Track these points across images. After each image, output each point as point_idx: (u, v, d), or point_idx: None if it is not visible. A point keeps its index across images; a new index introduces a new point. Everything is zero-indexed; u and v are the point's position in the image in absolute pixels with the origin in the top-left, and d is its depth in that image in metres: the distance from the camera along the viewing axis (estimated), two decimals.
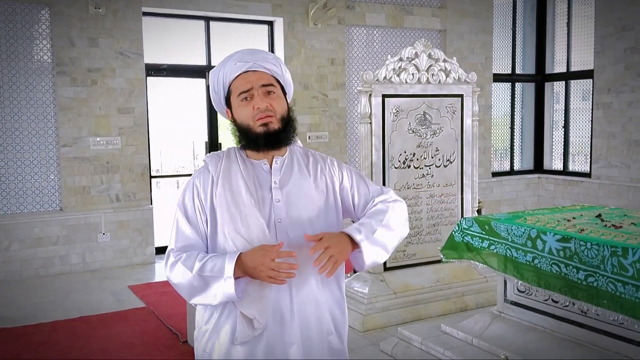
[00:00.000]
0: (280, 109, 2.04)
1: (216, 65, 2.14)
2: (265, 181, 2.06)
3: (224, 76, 2.08)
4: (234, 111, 2.07)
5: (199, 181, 2.06)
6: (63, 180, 6.91)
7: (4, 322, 5.26)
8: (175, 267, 1.96)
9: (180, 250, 2.00)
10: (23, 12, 6.70)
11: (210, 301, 1.93)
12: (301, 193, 2.06)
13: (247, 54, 2.08)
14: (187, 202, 2.05)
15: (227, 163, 2.07)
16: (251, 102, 2.01)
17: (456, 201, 5.47)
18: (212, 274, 1.89)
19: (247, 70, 2.04)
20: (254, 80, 2.02)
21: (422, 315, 5.01)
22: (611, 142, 8.81)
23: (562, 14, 9.87)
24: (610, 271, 3.00)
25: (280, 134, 2.03)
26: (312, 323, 2.02)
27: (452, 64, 5.37)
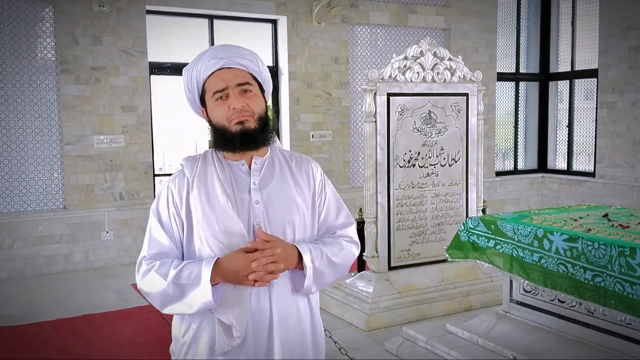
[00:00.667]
0: (257, 108, 1.94)
1: (189, 63, 2.04)
2: (243, 183, 1.96)
3: (197, 74, 1.97)
4: (209, 111, 1.96)
5: (174, 185, 1.96)
6: (67, 179, 6.90)
7: (7, 320, 5.26)
8: (148, 275, 1.87)
9: (152, 257, 1.90)
10: (27, 10, 6.69)
11: (186, 310, 1.85)
12: (282, 195, 1.97)
13: (220, 50, 1.98)
14: (162, 207, 1.95)
15: (203, 165, 1.97)
16: (226, 102, 1.91)
17: (461, 200, 5.45)
18: (189, 281, 1.81)
19: (221, 67, 1.94)
20: (229, 78, 1.92)
21: (426, 314, 4.99)
22: (615, 141, 8.78)
23: (566, 13, 9.84)
24: (617, 271, 2.98)
25: (257, 134, 1.93)
26: (292, 329, 1.94)
27: (457, 62, 5.35)
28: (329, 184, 2.11)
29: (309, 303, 2.02)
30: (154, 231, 1.94)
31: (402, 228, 5.20)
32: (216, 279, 1.82)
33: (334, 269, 1.99)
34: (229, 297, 1.86)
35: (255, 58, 2.01)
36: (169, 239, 1.93)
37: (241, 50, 2.00)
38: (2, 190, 6.71)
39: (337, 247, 2.02)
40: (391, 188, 5.12)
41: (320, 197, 2.06)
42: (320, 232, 2.07)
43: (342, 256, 2.02)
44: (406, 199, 5.20)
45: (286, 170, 2.02)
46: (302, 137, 8.08)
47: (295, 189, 2.00)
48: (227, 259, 1.83)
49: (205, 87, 1.96)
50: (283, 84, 8.09)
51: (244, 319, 1.86)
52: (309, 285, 1.93)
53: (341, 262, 2.01)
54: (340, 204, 2.12)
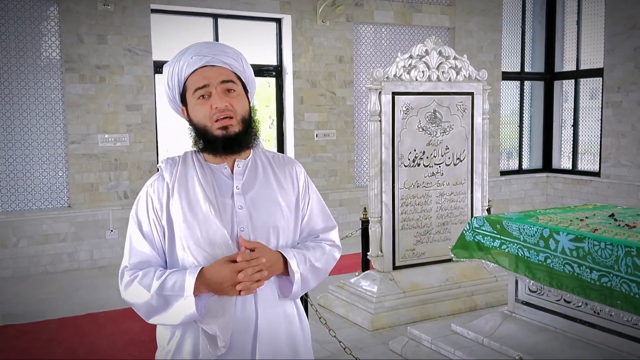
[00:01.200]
0: (241, 109, 1.86)
1: (169, 61, 1.95)
2: (226, 187, 1.88)
3: (179, 70, 1.88)
4: (190, 110, 1.88)
5: (154, 190, 1.87)
6: (71, 177, 6.91)
7: (12, 318, 5.27)
8: (131, 286, 1.81)
9: (134, 267, 1.84)
10: (32, 8, 6.70)
11: (172, 321, 1.80)
12: (266, 199, 1.90)
13: (204, 47, 1.91)
14: (141, 214, 1.87)
15: (184, 169, 1.89)
16: (209, 101, 1.83)
17: (466, 200, 5.44)
18: (173, 292, 1.75)
19: (204, 65, 1.86)
20: (212, 76, 1.84)
21: (431, 314, 4.98)
22: (621, 141, 8.75)
23: (571, 12, 9.81)
24: (624, 271, 2.97)
25: (241, 138, 1.85)
26: (281, 334, 1.90)
27: (462, 61, 5.34)
28: (312, 186, 2.06)
29: (296, 306, 2.00)
30: (135, 239, 1.87)
31: (406, 227, 5.19)
32: (200, 289, 1.77)
33: (317, 273, 1.96)
34: (213, 306, 1.80)
35: (240, 57, 1.95)
36: (151, 247, 1.86)
37: (225, 48, 1.93)
38: (7, 188, 6.72)
39: (320, 251, 1.98)
40: (396, 187, 5.10)
41: (304, 199, 2.01)
42: (303, 235, 2.02)
43: (325, 260, 1.99)
44: (411, 198, 5.19)
45: (270, 172, 1.96)
46: (306, 136, 8.07)
47: (279, 192, 1.93)
48: (211, 269, 1.77)
49: (186, 84, 1.88)
50: (287, 83, 8.08)
51: (228, 329, 1.80)
52: (296, 291, 1.90)
53: (323, 267, 1.98)
54: (323, 207, 2.07)
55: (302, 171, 2.05)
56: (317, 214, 2.04)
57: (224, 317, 1.80)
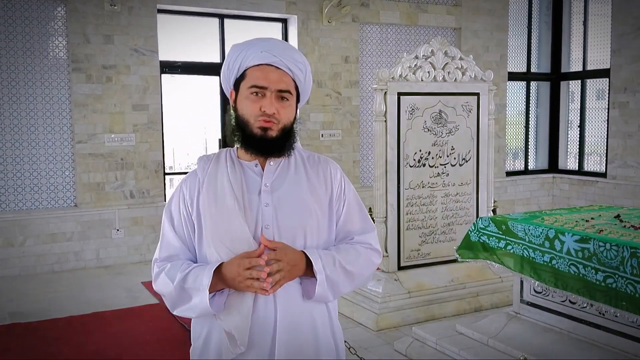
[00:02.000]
0: (285, 119, 1.85)
1: (241, 42, 1.94)
2: (254, 184, 1.88)
3: (244, 57, 1.87)
4: (239, 99, 1.88)
5: (186, 186, 1.91)
6: (78, 177, 6.94)
7: (19, 316, 5.30)
8: (159, 277, 1.86)
9: (164, 260, 1.89)
10: (39, 9, 6.73)
11: (191, 314, 1.85)
12: (294, 198, 1.88)
13: (276, 46, 1.89)
14: (174, 209, 1.91)
15: (215, 165, 1.91)
16: (260, 101, 1.83)
17: (471, 200, 5.43)
18: (193, 285, 1.79)
19: (270, 63, 1.85)
20: (274, 80, 1.83)
21: (436, 315, 4.98)
22: (627, 141, 8.72)
23: (578, 12, 9.78)
24: (629, 272, 2.96)
25: (276, 143, 1.85)
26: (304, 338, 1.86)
27: (468, 62, 5.33)
28: (349, 187, 2.01)
29: (328, 311, 1.94)
30: (166, 233, 1.92)
31: (412, 228, 5.19)
32: (218, 284, 1.78)
33: (350, 277, 1.90)
34: (231, 304, 1.82)
35: (306, 68, 1.93)
36: (181, 242, 1.90)
37: (296, 55, 1.91)
38: (14, 188, 6.75)
39: (353, 254, 1.92)
40: (401, 188, 5.11)
41: (339, 201, 1.97)
42: (339, 238, 1.98)
43: (359, 264, 1.92)
44: (416, 198, 5.19)
45: (302, 171, 1.93)
46: (312, 136, 8.08)
47: (309, 192, 1.91)
48: (227, 264, 1.78)
49: (246, 73, 1.87)
50: None
51: (245, 329, 1.80)
52: (321, 293, 1.84)
53: (357, 271, 1.91)
54: (361, 209, 2.02)
55: (339, 172, 2.01)
56: (353, 216, 1.99)
57: (240, 315, 1.81)
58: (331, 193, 1.95)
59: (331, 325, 1.96)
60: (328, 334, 1.94)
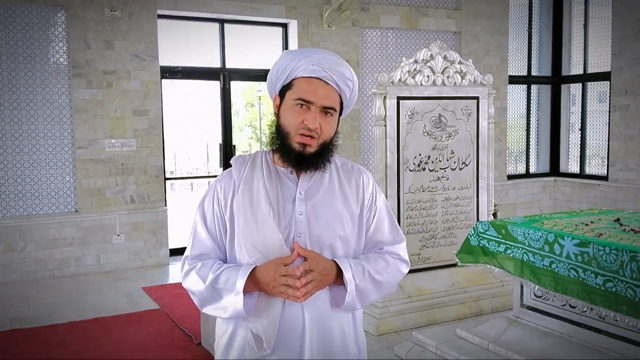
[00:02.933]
0: (326, 134, 1.87)
1: (294, 50, 1.96)
2: (289, 191, 1.91)
3: (294, 67, 1.88)
4: (283, 108, 1.89)
5: (221, 186, 1.94)
6: (78, 182, 6.95)
7: (20, 322, 5.29)
8: (190, 275, 1.89)
9: (195, 258, 1.92)
10: (39, 14, 6.75)
11: (221, 314, 1.86)
12: (328, 207, 1.90)
13: (329, 61, 1.89)
14: (207, 207, 1.94)
15: (251, 169, 1.93)
16: (304, 113, 1.84)
17: (472, 204, 5.43)
18: (225, 286, 1.81)
19: (319, 77, 1.86)
20: (321, 96, 1.84)
21: (436, 319, 4.97)
22: (629, 144, 8.70)
23: (578, 16, 9.78)
24: (629, 276, 2.95)
25: (313, 159, 1.86)
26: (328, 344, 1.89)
27: (467, 65, 5.33)
28: (380, 197, 2.03)
29: (354, 320, 1.97)
30: (198, 231, 1.94)
31: (412, 232, 5.18)
32: (251, 288, 1.81)
33: (378, 287, 1.92)
34: (260, 307, 1.85)
35: (354, 86, 1.95)
36: (212, 240, 1.92)
37: (347, 72, 1.91)
38: (15, 193, 6.76)
39: (382, 264, 1.95)
40: (401, 192, 5.10)
41: (370, 210, 1.99)
42: (368, 247, 2.00)
43: (387, 274, 1.95)
44: (416, 202, 5.18)
45: (335, 180, 1.95)
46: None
47: (342, 202, 1.93)
48: (261, 269, 1.81)
49: (293, 82, 1.88)
50: None
51: (272, 332, 1.83)
52: (350, 302, 1.87)
53: (386, 280, 1.94)
54: (391, 219, 2.04)
55: (371, 181, 2.02)
56: (383, 226, 2.01)
57: (269, 319, 1.83)
58: (362, 202, 1.97)
59: (355, 334, 1.97)
60: (352, 341, 1.96)
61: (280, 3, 7.78)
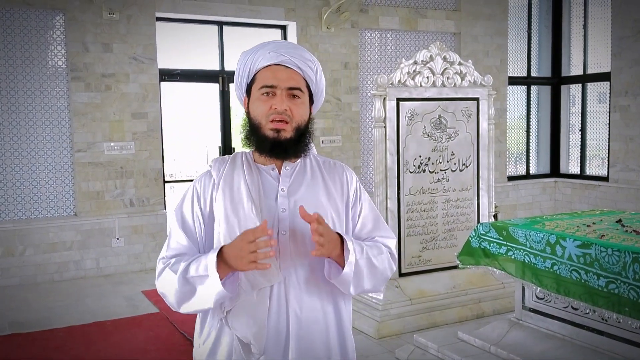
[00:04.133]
0: (299, 117, 1.84)
1: (248, 49, 1.94)
2: (271, 188, 1.86)
3: (253, 61, 1.87)
4: (251, 102, 1.87)
5: (200, 185, 1.89)
6: (77, 186, 6.92)
7: (19, 326, 5.27)
8: (163, 274, 1.80)
9: (170, 258, 1.84)
10: (37, 17, 6.73)
11: (202, 305, 1.76)
12: (311, 203, 1.85)
13: (284, 46, 1.88)
14: (185, 207, 1.88)
15: (231, 168, 1.89)
16: (271, 100, 1.81)
17: (472, 206, 5.40)
18: (197, 273, 1.71)
19: (279, 63, 1.84)
20: (283, 78, 1.82)
21: (438, 322, 4.94)
22: (629, 145, 8.68)
23: (578, 16, 9.76)
24: (632, 278, 2.93)
25: (290, 145, 1.83)
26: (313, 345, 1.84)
27: (467, 67, 5.31)
28: (365, 194, 1.99)
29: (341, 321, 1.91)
30: (174, 232, 1.87)
31: (412, 234, 5.16)
32: (223, 268, 1.71)
33: (373, 271, 1.85)
34: (243, 311, 1.78)
35: (317, 68, 1.92)
36: (188, 240, 1.85)
37: (305, 54, 1.90)
38: (14, 197, 6.74)
39: (377, 250, 1.89)
40: (401, 194, 5.08)
41: (355, 207, 1.95)
42: None
43: (382, 261, 1.88)
44: (416, 204, 5.16)
45: (318, 177, 1.92)
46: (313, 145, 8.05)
47: (326, 197, 1.89)
48: (228, 245, 1.72)
49: (256, 76, 1.87)
50: None
51: (262, 336, 1.78)
52: (347, 275, 1.78)
53: (380, 268, 1.87)
54: (377, 216, 2.00)
55: (354, 178, 1.99)
56: (371, 223, 1.97)
57: (257, 324, 1.78)
58: (347, 198, 1.94)
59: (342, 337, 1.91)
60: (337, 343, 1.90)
61: (279, 5, 7.77)
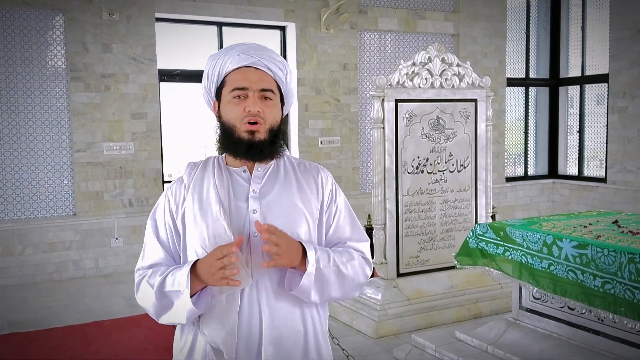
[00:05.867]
0: (271, 119, 1.82)
1: (215, 53, 1.91)
2: (242, 190, 1.83)
3: (222, 64, 1.84)
4: (222, 106, 1.84)
5: (172, 192, 1.87)
6: (76, 185, 6.94)
7: (18, 326, 5.28)
8: (141, 286, 1.81)
9: (146, 268, 1.84)
10: (37, 18, 6.75)
11: (177, 320, 1.77)
12: (284, 204, 1.82)
13: (253, 48, 1.86)
14: (158, 216, 1.87)
15: (202, 171, 1.87)
16: (243, 102, 1.79)
17: (470, 207, 5.43)
18: (172, 288, 1.72)
19: (248, 65, 1.82)
20: (254, 80, 1.81)
21: (435, 321, 4.96)
22: (627, 146, 8.71)
23: (576, 18, 9.79)
24: (627, 278, 2.95)
25: (265, 146, 1.81)
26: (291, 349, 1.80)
27: (465, 68, 5.34)
28: (340, 195, 1.96)
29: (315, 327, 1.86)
30: (149, 241, 1.86)
31: (410, 234, 5.18)
32: (196, 283, 1.71)
33: (341, 279, 1.82)
34: (214, 318, 1.77)
35: (286, 68, 1.90)
36: (164, 250, 1.84)
37: (274, 55, 1.88)
38: (13, 197, 6.75)
39: (347, 256, 1.85)
40: (399, 194, 5.10)
41: (330, 208, 1.91)
42: (330, 245, 1.91)
43: (352, 268, 1.84)
44: (415, 205, 5.18)
45: (292, 177, 1.88)
46: (310, 143, 8.08)
47: (300, 198, 1.85)
48: (200, 260, 1.72)
49: (225, 79, 1.84)
50: None
51: (232, 342, 1.75)
52: (306, 285, 1.74)
53: (350, 275, 1.83)
54: (352, 218, 1.96)
55: (330, 179, 1.95)
56: (346, 225, 1.93)
57: (225, 329, 1.75)
58: (322, 199, 1.90)
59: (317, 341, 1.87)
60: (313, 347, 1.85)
61: (278, 6, 7.79)
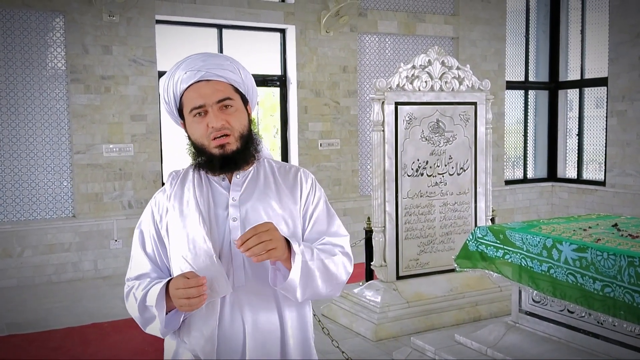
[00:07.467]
0: (238, 126, 1.79)
1: (165, 72, 1.89)
2: (221, 198, 1.82)
3: (173, 86, 1.82)
4: (187, 126, 1.83)
5: (155, 203, 1.87)
6: (76, 187, 6.93)
7: (17, 327, 5.28)
8: (129, 297, 1.82)
9: (134, 279, 1.85)
10: (37, 19, 6.75)
11: (158, 333, 1.79)
12: (264, 211, 1.81)
13: (198, 60, 1.83)
14: (144, 226, 1.87)
15: (183, 181, 1.86)
16: (205, 119, 1.77)
17: (470, 210, 5.43)
18: (151, 303, 1.73)
19: (199, 80, 1.79)
20: (208, 94, 1.76)
21: (435, 324, 4.96)
22: (626, 150, 8.72)
23: (575, 21, 9.81)
24: (627, 282, 2.96)
25: (239, 155, 1.79)
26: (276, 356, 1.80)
27: (465, 71, 5.34)
28: (320, 193, 1.94)
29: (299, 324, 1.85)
30: (135, 253, 1.87)
31: (410, 237, 5.19)
32: (169, 302, 1.72)
33: (325, 275, 1.78)
34: (193, 326, 1.77)
35: (237, 67, 1.86)
36: (150, 261, 1.84)
37: (221, 60, 1.84)
38: (12, 198, 6.75)
39: (329, 251, 1.82)
40: (399, 197, 5.10)
41: (307, 205, 1.89)
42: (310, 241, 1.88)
43: (334, 263, 1.81)
44: (414, 208, 5.19)
45: (271, 183, 1.87)
46: (310, 145, 8.08)
47: (279, 204, 1.83)
48: (173, 279, 1.71)
49: (182, 100, 1.82)
50: (291, 93, 8.10)
51: (211, 350, 1.75)
52: (293, 280, 1.71)
53: (333, 271, 1.81)
54: (332, 215, 1.93)
55: (310, 177, 1.94)
56: (325, 221, 1.90)
57: (204, 337, 1.75)
58: (300, 199, 1.88)
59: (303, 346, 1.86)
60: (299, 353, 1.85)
61: (278, 9, 7.80)
